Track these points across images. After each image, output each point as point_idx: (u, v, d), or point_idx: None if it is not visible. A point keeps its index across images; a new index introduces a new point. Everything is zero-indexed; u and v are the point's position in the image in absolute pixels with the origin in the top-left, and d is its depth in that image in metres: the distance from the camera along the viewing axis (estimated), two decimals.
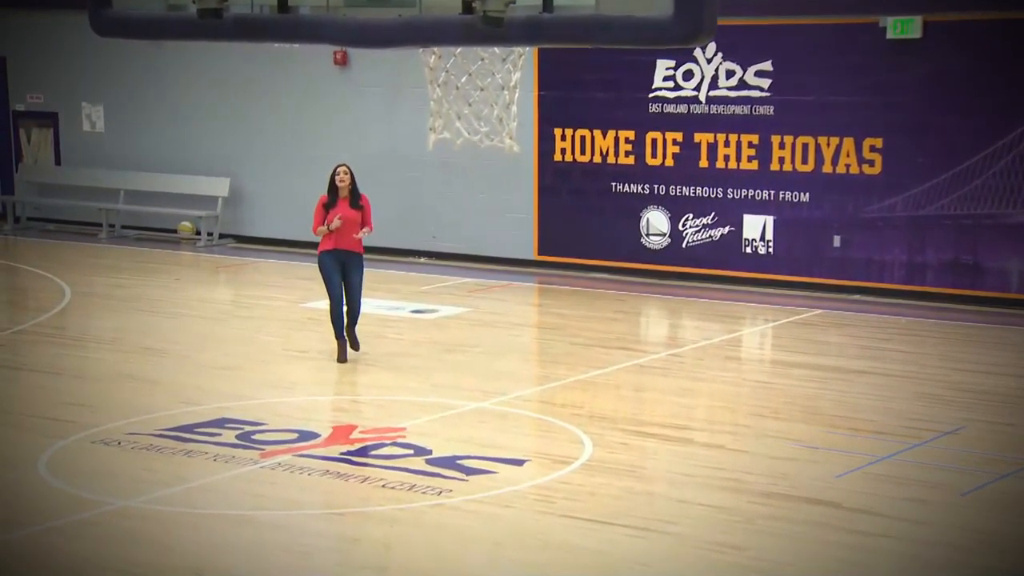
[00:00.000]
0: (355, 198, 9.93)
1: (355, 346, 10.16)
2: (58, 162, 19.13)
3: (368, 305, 12.32)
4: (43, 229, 18.88)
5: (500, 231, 15.67)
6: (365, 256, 10.24)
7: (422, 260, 16.17)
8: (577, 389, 9.62)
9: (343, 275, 9.95)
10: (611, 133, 14.82)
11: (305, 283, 14.12)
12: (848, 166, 13.63)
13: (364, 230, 10.00)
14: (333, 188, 9.94)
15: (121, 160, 18.39)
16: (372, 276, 13.17)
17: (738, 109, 14.10)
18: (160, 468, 7.50)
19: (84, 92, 18.67)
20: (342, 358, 9.99)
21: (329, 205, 9.93)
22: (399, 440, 8.09)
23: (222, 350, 10.92)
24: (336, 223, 9.88)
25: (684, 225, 14.59)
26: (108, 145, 18.56)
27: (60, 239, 18.03)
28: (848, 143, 13.58)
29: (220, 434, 8.18)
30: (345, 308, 10.04)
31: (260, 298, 13.56)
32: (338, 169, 9.97)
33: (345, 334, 10.12)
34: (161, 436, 8.11)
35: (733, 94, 14.10)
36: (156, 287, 14.10)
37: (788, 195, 13.97)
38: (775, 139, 13.95)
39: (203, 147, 17.74)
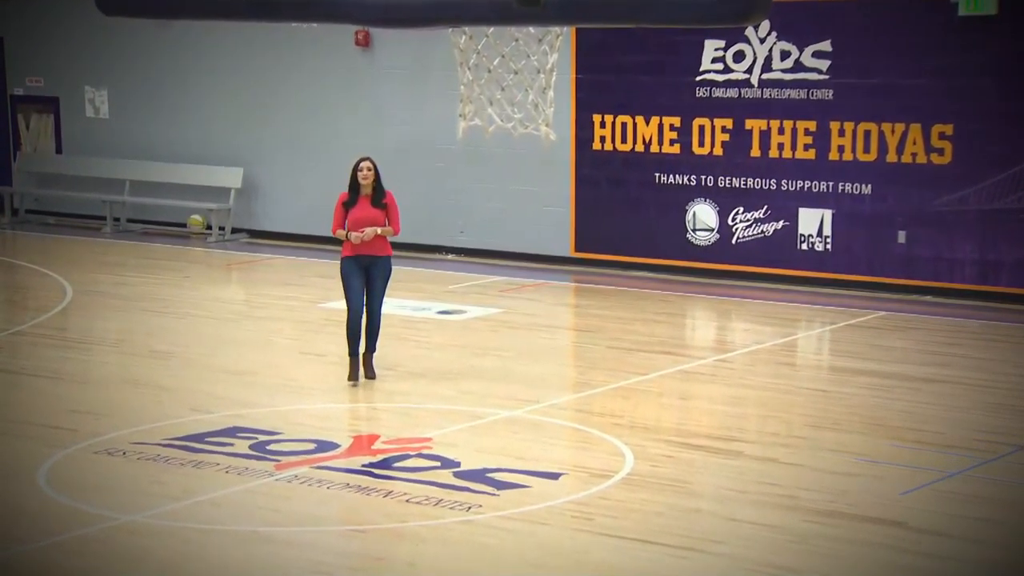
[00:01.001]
0: (378, 196, 9.57)
1: (370, 374, 9.67)
2: (59, 150, 19.28)
3: (391, 306, 12.34)
4: (43, 223, 19.04)
5: (534, 225, 15.67)
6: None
7: (449, 257, 16.20)
8: (617, 397, 9.63)
9: (366, 277, 9.60)
10: (655, 120, 14.80)
11: (323, 281, 14.18)
12: (915, 155, 13.54)
13: (376, 229, 9.48)
14: (355, 185, 9.60)
15: (127, 148, 18.52)
16: (395, 274, 13.22)
17: (794, 93, 14.04)
18: (168, 480, 7.56)
19: (87, 75, 18.82)
20: (353, 377, 9.61)
21: (349, 203, 9.56)
22: (425, 451, 8.12)
23: (234, 353, 10.99)
24: (357, 237, 9.45)
25: (734, 220, 14.55)
26: (113, 132, 18.69)
27: (61, 233, 18.19)
28: (915, 130, 13.49)
29: (232, 444, 8.24)
30: (365, 318, 9.65)
31: (275, 297, 13.63)
32: (361, 164, 9.57)
33: (360, 357, 9.69)
34: (169, 446, 8.18)
35: (788, 77, 14.03)
36: (164, 285, 14.21)
37: (848, 187, 13.89)
38: (834, 126, 13.88)
39: (214, 135, 17.85)
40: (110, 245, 17.27)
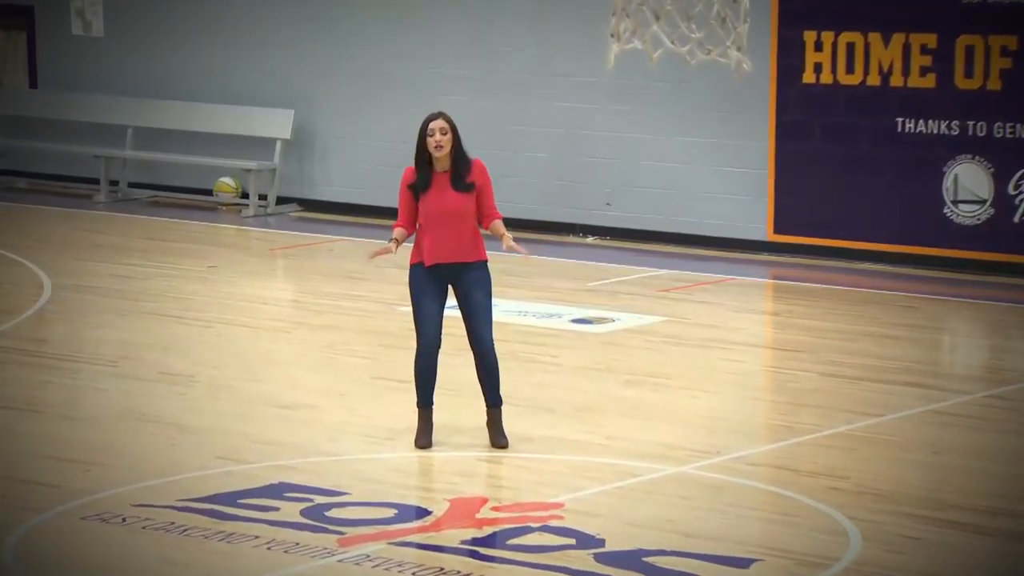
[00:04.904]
0: (461, 171, 9.15)
1: (499, 440, 9.40)
2: (34, 84, 19.66)
3: (504, 312, 12.38)
4: (11, 187, 19.44)
5: (714, 195, 15.61)
6: (489, 247, 9.45)
7: (589, 240, 16.21)
8: (836, 448, 9.56)
9: (456, 294, 9.31)
10: (897, 38, 14.63)
11: (406, 274, 14.21)
12: None
13: (507, 239, 9.10)
14: (423, 156, 9.14)
15: (129, 82, 18.82)
16: (510, 267, 13.24)
17: None
18: (186, 559, 7.69)
19: None
20: (422, 441, 9.38)
21: (420, 186, 9.20)
22: (552, 523, 8.16)
23: (280, 378, 11.15)
24: (390, 243, 9.20)
25: (1017, 187, 14.33)
26: (110, 58, 19.00)
27: (36, 202, 18.54)
28: None
29: (278, 508, 8.36)
30: (473, 357, 9.37)
31: (338, 297, 13.78)
32: (431, 125, 9.06)
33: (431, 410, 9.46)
34: (188, 510, 8.32)
35: None
36: (181, 279, 14.44)
37: None
38: None
39: (254, 63, 18.05)
40: (105, 220, 17.58)
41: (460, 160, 9.19)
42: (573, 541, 7.90)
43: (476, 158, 9.31)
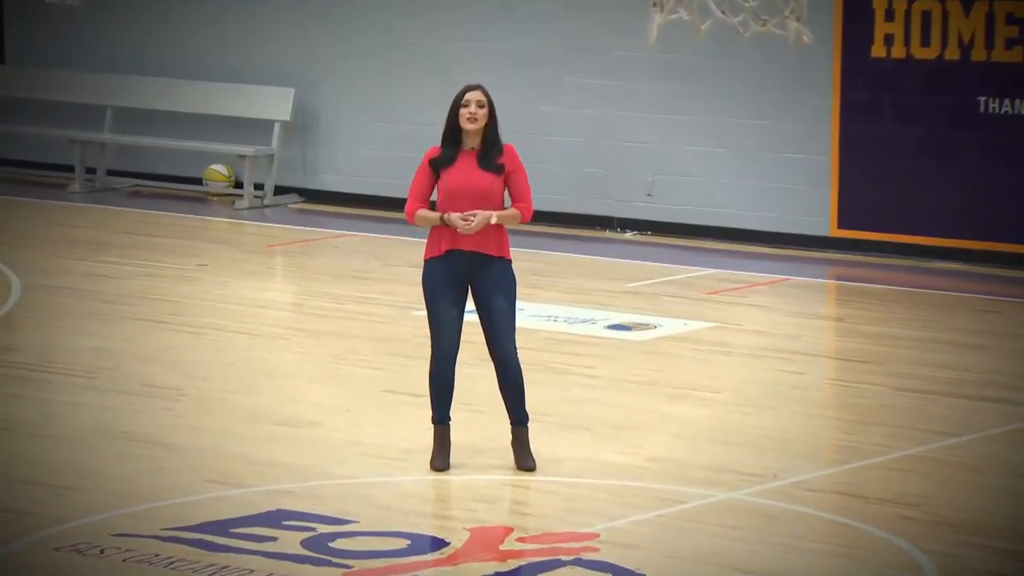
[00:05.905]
0: (491, 150, 9.31)
1: (526, 462, 9.43)
2: (1, 59, 19.70)
3: (530, 316, 12.38)
4: None
5: (769, 186, 15.59)
6: (515, 243, 9.57)
7: (628, 236, 16.21)
8: (908, 472, 9.55)
9: (475, 296, 9.37)
10: (979, 6, 14.60)
11: (420, 274, 14.22)
12: None
13: (490, 215, 9.14)
14: (454, 129, 9.32)
15: (109, 56, 18.84)
16: (538, 266, 13.24)
17: None
18: None
19: None
20: (438, 462, 9.42)
21: (442, 162, 9.33)
22: (586, 555, 8.16)
23: (280, 391, 11.18)
24: (461, 225, 9.11)
25: None
26: (87, 30, 19.03)
27: (4, 193, 18.54)
28: None
29: (276, 538, 8.37)
30: (494, 369, 9.42)
31: (343, 300, 13.78)
32: (467, 96, 9.26)
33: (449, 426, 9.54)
34: (175, 539, 8.34)
35: None
36: (167, 279, 14.46)
37: None
38: None
39: (248, 38, 18.07)
40: (82, 212, 17.62)
41: (492, 140, 9.32)
42: None
43: (508, 143, 9.40)
